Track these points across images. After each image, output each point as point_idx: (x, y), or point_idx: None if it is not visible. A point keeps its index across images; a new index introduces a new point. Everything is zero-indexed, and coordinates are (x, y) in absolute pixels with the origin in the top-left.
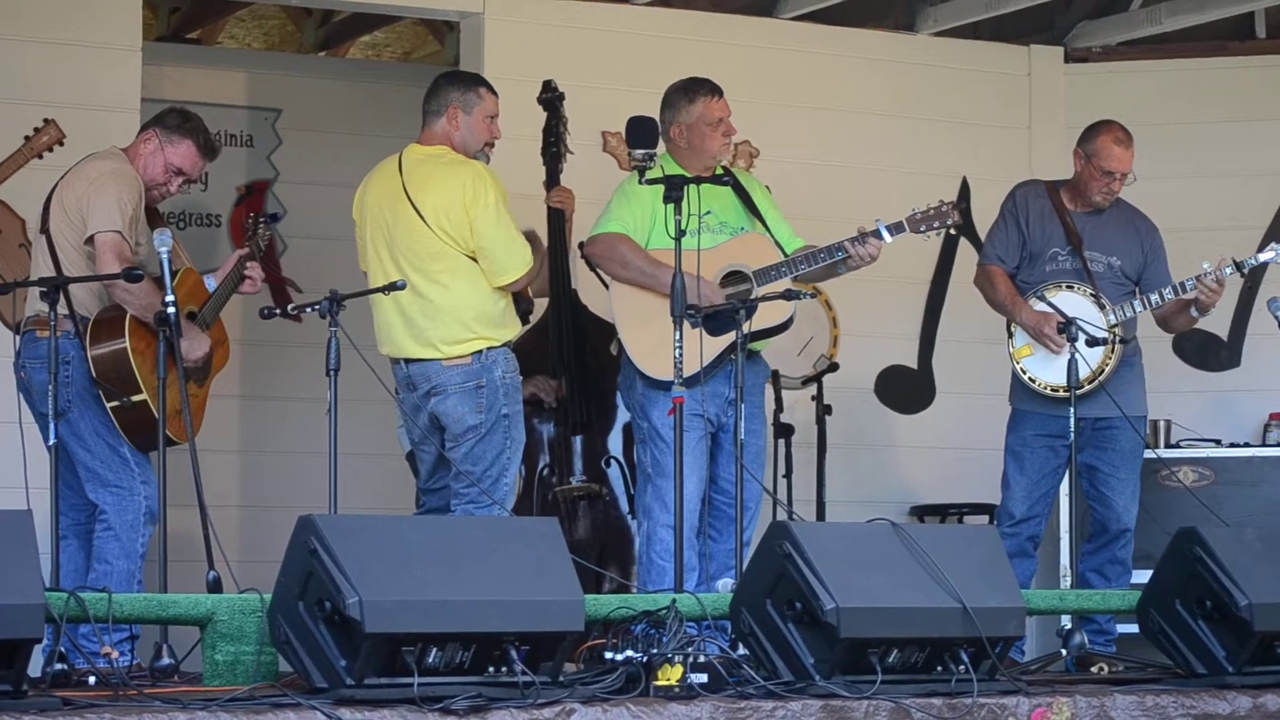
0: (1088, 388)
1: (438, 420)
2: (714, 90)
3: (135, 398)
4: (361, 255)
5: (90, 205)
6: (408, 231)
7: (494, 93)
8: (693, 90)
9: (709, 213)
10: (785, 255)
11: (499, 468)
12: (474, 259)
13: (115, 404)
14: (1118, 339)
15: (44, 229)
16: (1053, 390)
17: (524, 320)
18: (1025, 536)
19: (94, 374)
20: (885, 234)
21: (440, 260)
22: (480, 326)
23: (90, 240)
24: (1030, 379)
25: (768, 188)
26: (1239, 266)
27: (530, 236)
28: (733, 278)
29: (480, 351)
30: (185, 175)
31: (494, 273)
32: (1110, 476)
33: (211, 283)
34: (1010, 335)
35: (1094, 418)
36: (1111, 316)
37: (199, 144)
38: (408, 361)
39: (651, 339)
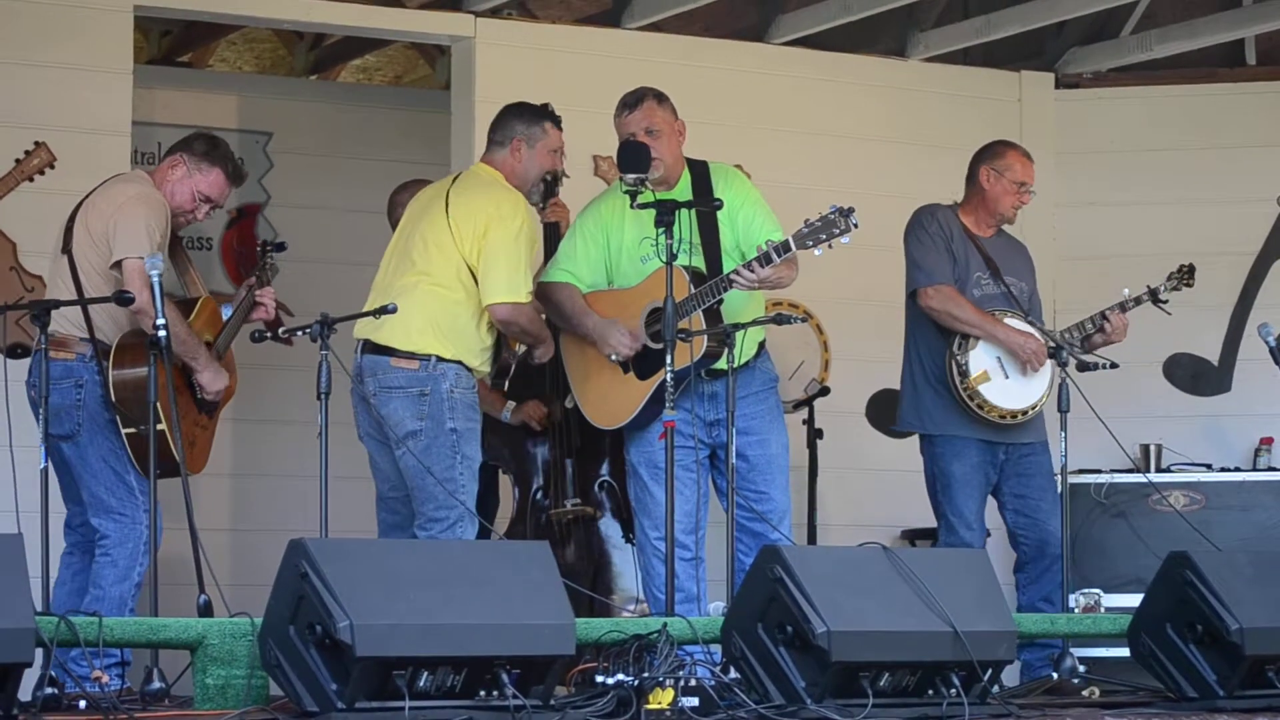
0: (1030, 414)
1: (383, 424)
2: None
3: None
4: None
5: (117, 230)
6: (429, 223)
7: (559, 126)
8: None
9: (655, 235)
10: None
11: (452, 485)
12: (475, 277)
13: (131, 430)
14: (1109, 364)
15: (66, 249)
16: (1011, 416)
17: (502, 373)
18: None
19: (113, 398)
20: (774, 255)
21: (441, 255)
22: (440, 334)
23: (118, 265)
24: (979, 405)
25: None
26: (1153, 294)
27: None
28: (656, 315)
29: (429, 358)
30: (213, 202)
31: (486, 288)
32: (1040, 501)
33: (229, 312)
34: (961, 365)
35: (1021, 443)
36: (1051, 343)
37: (228, 171)
38: (364, 348)
39: (597, 389)
